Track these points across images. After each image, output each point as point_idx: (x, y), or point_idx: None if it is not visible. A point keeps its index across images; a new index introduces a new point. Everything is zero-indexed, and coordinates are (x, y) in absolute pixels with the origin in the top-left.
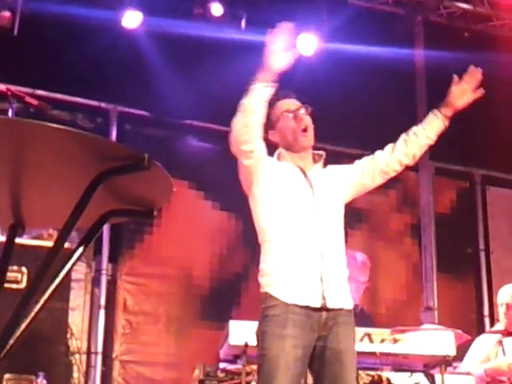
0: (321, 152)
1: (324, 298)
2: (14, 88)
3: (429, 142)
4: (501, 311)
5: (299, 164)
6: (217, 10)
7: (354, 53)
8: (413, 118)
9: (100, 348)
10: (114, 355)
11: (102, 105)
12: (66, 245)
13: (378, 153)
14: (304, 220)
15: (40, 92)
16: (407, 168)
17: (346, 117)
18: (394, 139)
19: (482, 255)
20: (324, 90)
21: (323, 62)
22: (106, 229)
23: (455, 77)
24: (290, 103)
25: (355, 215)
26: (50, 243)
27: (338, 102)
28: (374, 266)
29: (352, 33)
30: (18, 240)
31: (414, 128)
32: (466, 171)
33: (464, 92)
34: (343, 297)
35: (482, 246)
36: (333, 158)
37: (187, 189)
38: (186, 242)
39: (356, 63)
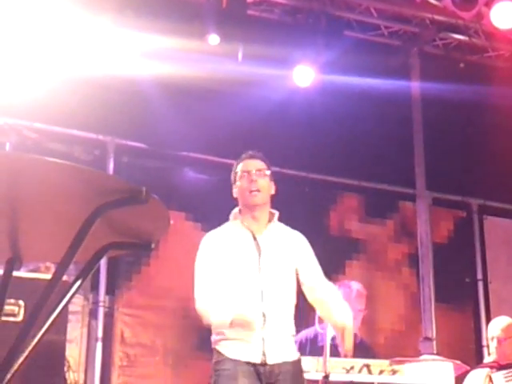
0: (274, 211)
1: (264, 355)
2: (11, 121)
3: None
4: (492, 345)
5: (251, 226)
6: (213, 41)
7: (351, 84)
8: (409, 148)
9: (97, 381)
10: None
11: (100, 137)
12: (64, 277)
13: (314, 283)
14: (247, 282)
15: (38, 125)
16: (405, 198)
17: (342, 147)
18: (390, 170)
19: (480, 285)
20: (320, 122)
21: (320, 94)
22: (103, 261)
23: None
24: (249, 164)
25: (352, 246)
26: (47, 276)
27: (335, 133)
28: (371, 296)
29: (348, 64)
30: (14, 273)
31: (326, 298)
32: (463, 201)
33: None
34: (285, 352)
35: (479, 275)
36: (331, 189)
37: (184, 220)
38: (184, 273)
39: (352, 94)
